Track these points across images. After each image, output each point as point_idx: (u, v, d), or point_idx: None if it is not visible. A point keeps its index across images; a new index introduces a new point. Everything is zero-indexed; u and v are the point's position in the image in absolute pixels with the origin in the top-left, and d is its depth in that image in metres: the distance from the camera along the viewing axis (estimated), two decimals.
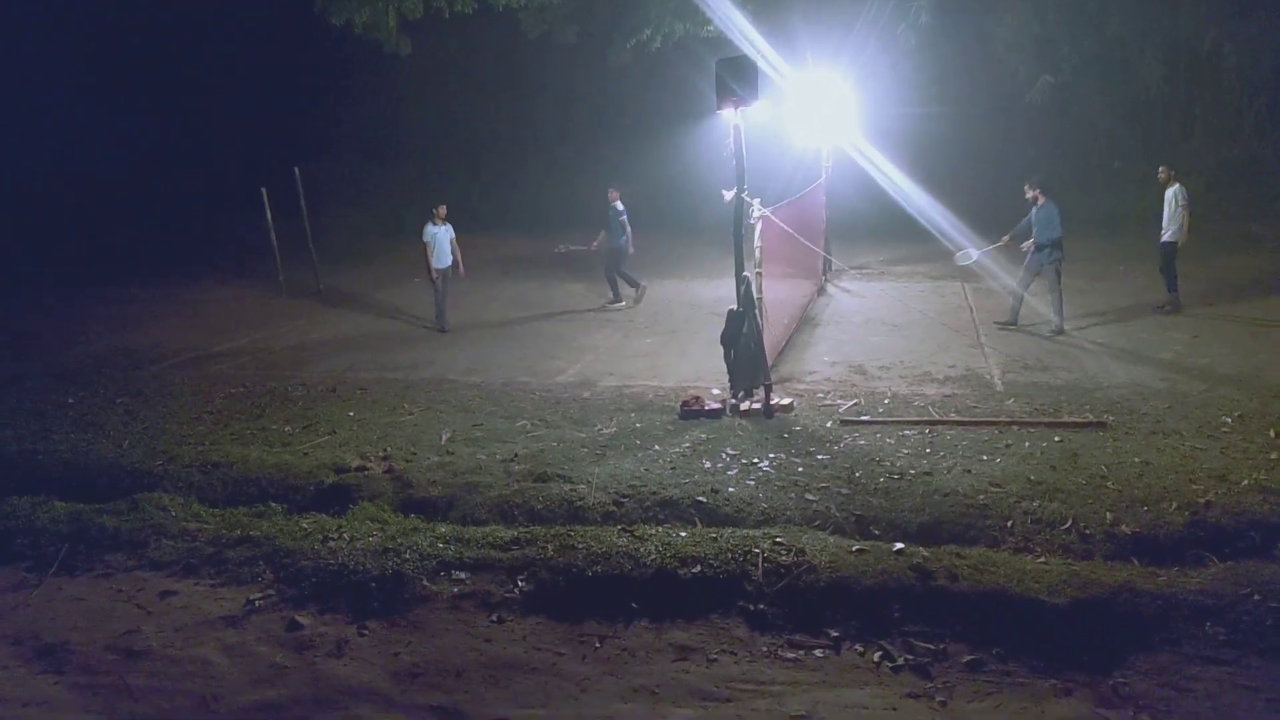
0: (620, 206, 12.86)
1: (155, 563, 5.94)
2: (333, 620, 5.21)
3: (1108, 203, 18.89)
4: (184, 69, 23.72)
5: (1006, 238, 11.01)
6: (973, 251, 11.71)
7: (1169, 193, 10.93)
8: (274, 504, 6.64)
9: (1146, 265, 12.70)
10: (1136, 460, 6.48)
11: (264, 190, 15.03)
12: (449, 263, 12.08)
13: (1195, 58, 18.45)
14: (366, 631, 5.08)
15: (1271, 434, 6.84)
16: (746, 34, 15.48)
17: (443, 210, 12.10)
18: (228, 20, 23.03)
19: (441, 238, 11.99)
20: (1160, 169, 11.16)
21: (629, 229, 12.91)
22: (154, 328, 13.27)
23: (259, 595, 5.47)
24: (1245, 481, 5.96)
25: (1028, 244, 10.52)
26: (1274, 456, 6.40)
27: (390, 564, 5.53)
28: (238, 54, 23.41)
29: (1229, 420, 7.21)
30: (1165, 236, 11.01)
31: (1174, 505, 5.75)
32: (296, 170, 15.02)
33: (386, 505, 6.53)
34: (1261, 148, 18.33)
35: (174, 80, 23.69)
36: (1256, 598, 4.70)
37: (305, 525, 6.19)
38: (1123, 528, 5.62)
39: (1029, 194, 10.57)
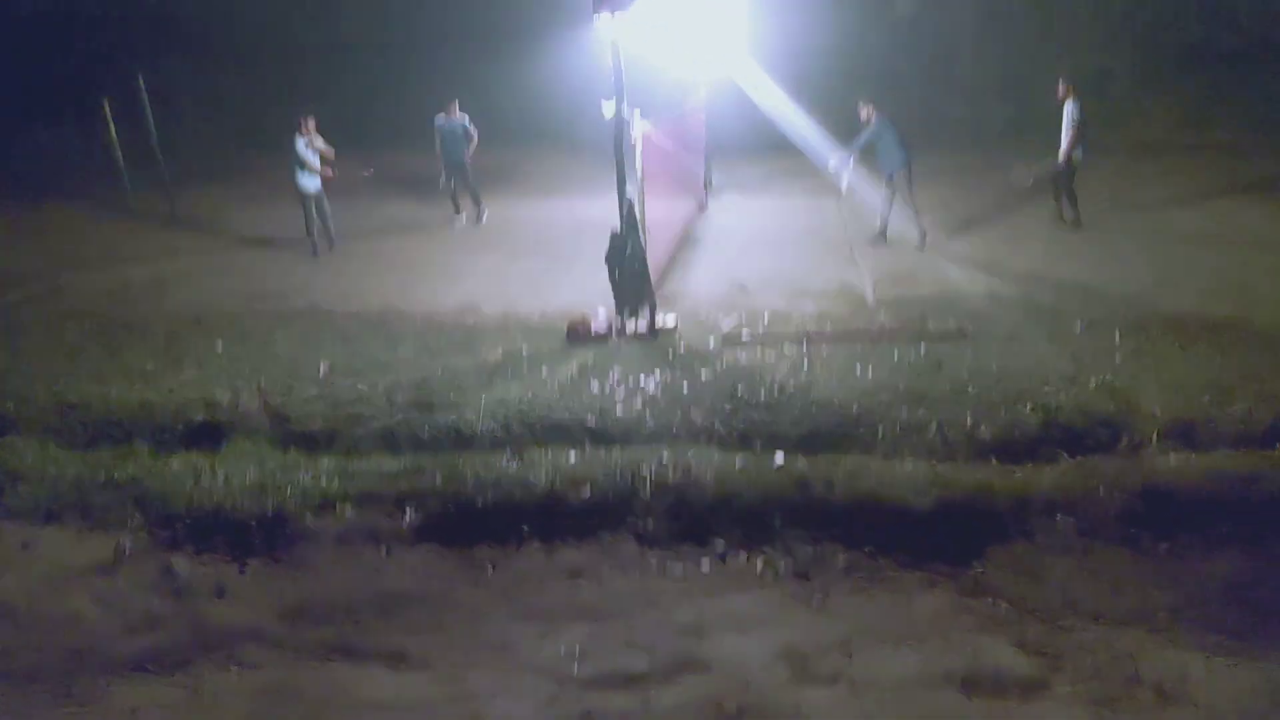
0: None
1: (12, 511, 5.57)
2: (211, 562, 5.05)
3: (973, 112, 19.57)
4: None
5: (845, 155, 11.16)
6: (843, 172, 11.78)
7: (1068, 107, 10.73)
8: (140, 444, 6.31)
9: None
10: (994, 366, 6.90)
11: (105, 101, 13.78)
12: (318, 184, 11.42)
13: None
14: (247, 572, 4.96)
15: (1116, 338, 7.38)
16: None
17: (310, 123, 11.21)
18: None
19: (309, 155, 11.16)
20: (1060, 83, 10.89)
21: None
22: None
23: (130, 540, 5.24)
24: (1093, 383, 6.44)
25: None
26: (1118, 360, 6.93)
27: (270, 501, 5.38)
28: None
29: (1078, 326, 7.74)
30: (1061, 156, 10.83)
31: (1029, 407, 6.17)
32: (140, 78, 13.76)
33: (263, 441, 6.30)
34: (1112, 59, 19.25)
35: None
36: (1102, 490, 5.14)
37: (175, 465, 5.92)
38: (982, 430, 6.00)
39: (863, 114, 10.75)
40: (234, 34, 22.32)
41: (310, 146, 11.15)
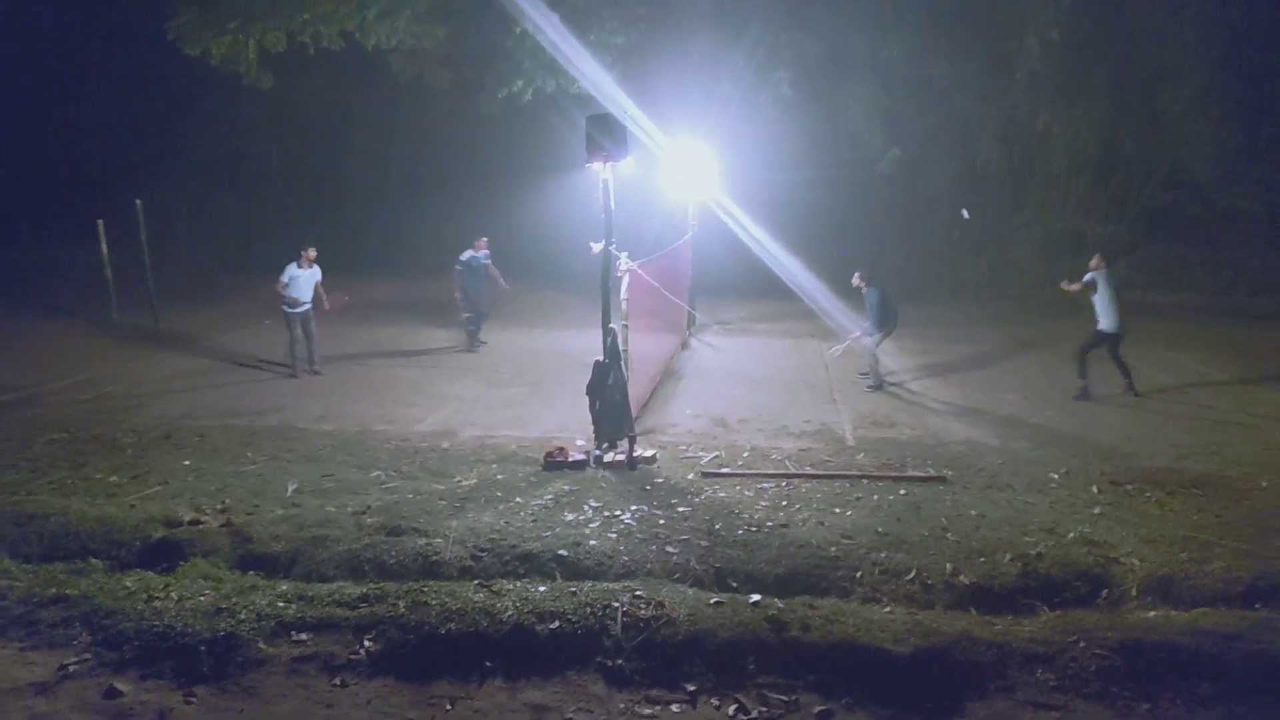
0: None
1: None
2: (156, 687, 4.77)
3: (949, 269, 20.25)
4: (15, 85, 21.95)
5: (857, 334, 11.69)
6: (839, 349, 12.25)
7: (1092, 278, 10.45)
8: (95, 560, 6.09)
9: (987, 327, 13.56)
10: (973, 513, 6.85)
11: (100, 222, 14.06)
12: (308, 306, 11.56)
13: (1029, 136, 20.19)
14: (194, 699, 4.68)
15: (1094, 490, 7.38)
16: (613, 95, 15.88)
17: (311, 253, 11.53)
18: (66, 35, 21.52)
19: (304, 281, 11.43)
20: (1095, 258, 10.68)
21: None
22: None
23: (74, 660, 4.96)
24: (1072, 534, 6.38)
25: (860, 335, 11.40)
26: (1097, 511, 6.90)
27: (223, 625, 5.14)
28: (77, 71, 21.89)
29: (1056, 477, 7.74)
30: (1105, 326, 10.44)
31: (1008, 556, 6.09)
32: (138, 203, 14.12)
33: (222, 562, 6.09)
34: (1085, 222, 20.15)
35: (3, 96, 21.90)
36: (1083, 645, 5.00)
37: (128, 584, 5.68)
38: (961, 578, 5.89)
39: (856, 283, 11.23)
40: (235, 163, 23.12)
41: (302, 272, 11.39)
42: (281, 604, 5.38)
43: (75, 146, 21.85)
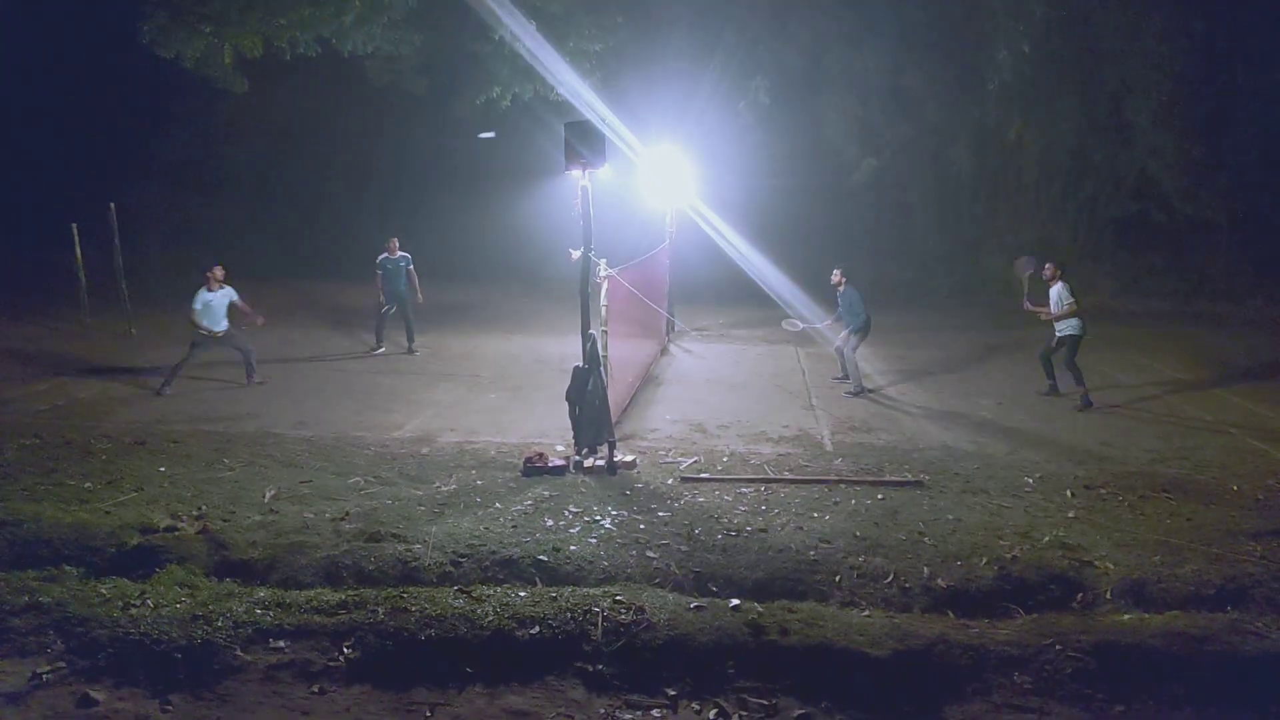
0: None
1: None
2: (131, 695, 4.71)
3: (921, 276, 20.47)
4: None
5: (829, 320, 11.82)
6: (798, 322, 12.39)
7: (1054, 290, 10.61)
8: (69, 567, 5.98)
9: (957, 332, 13.70)
10: (950, 517, 6.91)
11: (74, 225, 13.88)
12: (224, 328, 11.11)
13: (1001, 145, 20.50)
14: (170, 707, 4.62)
15: (1068, 494, 7.49)
16: (591, 103, 15.94)
17: (219, 272, 11.08)
18: (37, 37, 21.19)
19: (217, 306, 10.95)
20: (1047, 266, 10.83)
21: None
22: None
23: (47, 668, 4.88)
24: (1046, 538, 6.46)
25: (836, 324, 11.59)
26: (1071, 515, 6.99)
27: (199, 632, 5.08)
28: (49, 73, 21.58)
29: (1031, 481, 7.84)
30: (1066, 330, 10.55)
31: (984, 560, 6.16)
32: (112, 206, 13.97)
33: (198, 569, 6.01)
34: (1056, 229, 20.48)
35: None
36: (1058, 648, 5.06)
37: (103, 591, 5.60)
38: (938, 581, 5.95)
39: (835, 279, 11.34)
40: (210, 168, 22.93)
41: (213, 295, 11.02)
42: (259, 611, 5.33)
43: (48, 149, 21.54)
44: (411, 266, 13.11)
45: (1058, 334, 10.69)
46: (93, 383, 11.37)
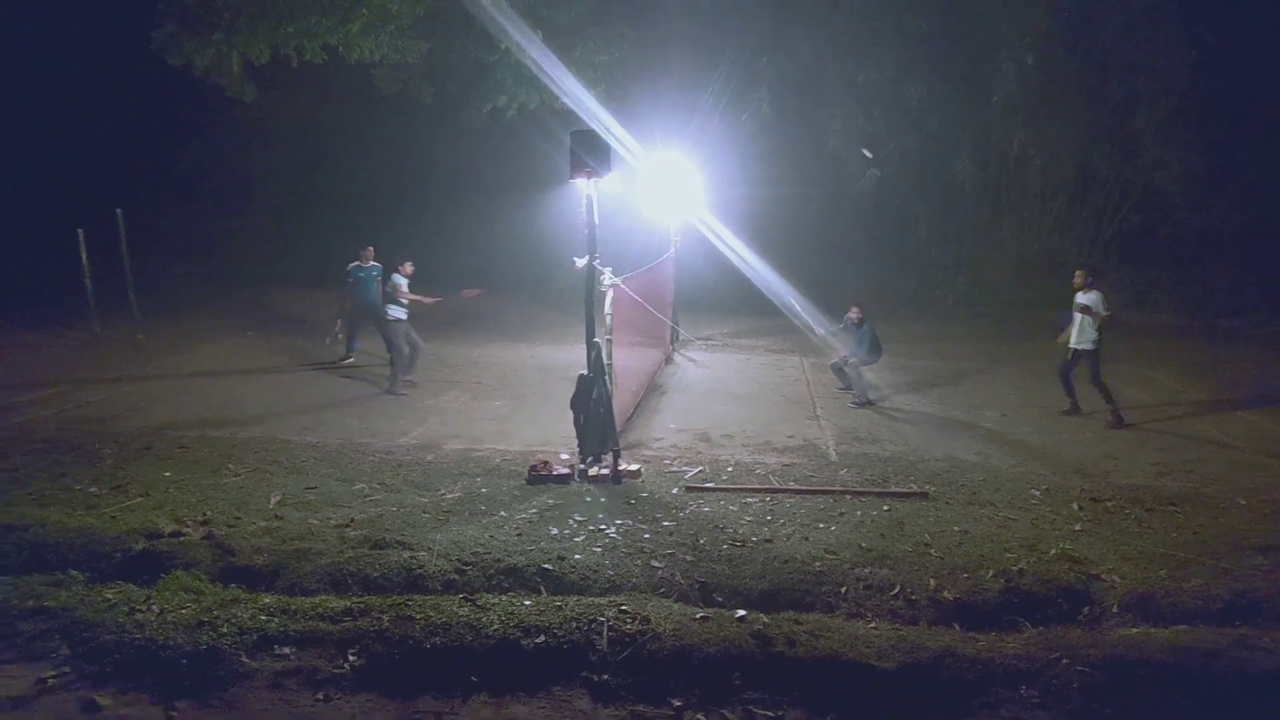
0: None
1: None
2: (136, 701, 4.70)
3: (925, 286, 20.45)
4: None
5: (834, 328, 11.72)
6: (835, 329, 12.29)
7: (1086, 297, 10.19)
8: (75, 572, 5.98)
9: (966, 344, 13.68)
10: (956, 529, 6.90)
11: (80, 231, 13.93)
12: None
13: (1005, 158, 20.49)
14: (175, 713, 4.61)
15: (1075, 506, 7.47)
16: (597, 113, 15.99)
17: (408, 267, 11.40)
18: (45, 43, 21.31)
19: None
20: (1077, 273, 10.48)
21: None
22: None
23: (52, 673, 4.87)
24: (1053, 551, 6.44)
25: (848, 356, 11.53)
26: (1078, 528, 6.98)
27: (204, 638, 5.07)
28: (57, 80, 21.69)
29: (1037, 493, 7.83)
30: (1082, 344, 10.25)
31: (990, 573, 6.14)
32: (119, 212, 14.02)
33: (203, 574, 6.01)
34: (1061, 242, 20.45)
35: None
36: (1065, 661, 5.04)
37: (109, 596, 5.60)
38: (945, 594, 5.94)
39: (853, 316, 11.33)
40: (216, 175, 23.02)
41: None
42: (264, 617, 5.33)
43: (54, 155, 21.63)
44: (381, 276, 12.71)
45: (1072, 348, 10.38)
46: (100, 389, 11.40)
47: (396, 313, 11.27)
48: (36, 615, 5.36)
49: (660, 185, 13.74)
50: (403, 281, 11.31)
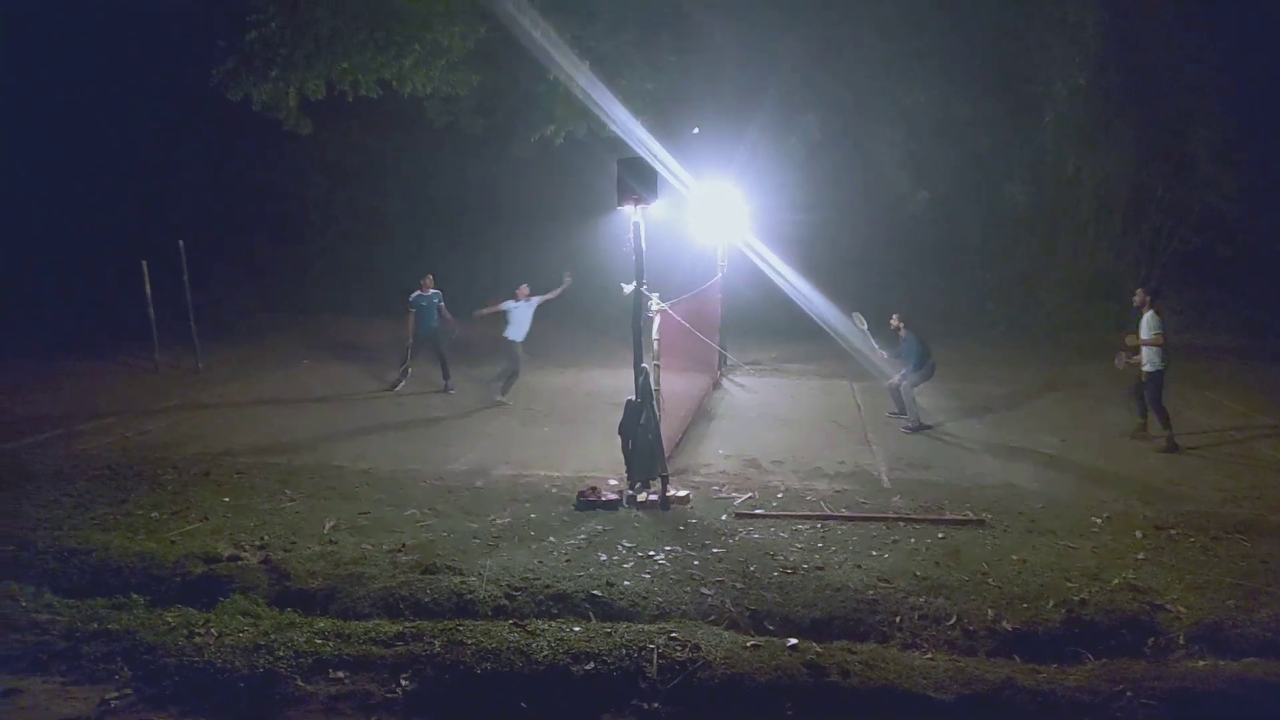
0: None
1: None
2: None
3: (976, 310, 20.15)
4: (62, 133, 22.60)
5: (886, 354, 11.56)
6: (863, 321, 12.02)
7: (1146, 318, 10.00)
8: (136, 595, 6.13)
9: (1017, 368, 13.41)
10: (1015, 558, 6.74)
11: (144, 263, 14.41)
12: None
13: (1057, 180, 20.18)
14: None
15: (1138, 534, 7.25)
16: (644, 140, 16.13)
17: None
18: (107, 81, 22.14)
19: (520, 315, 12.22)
20: (1137, 292, 10.31)
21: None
22: (12, 403, 12.34)
23: (115, 695, 4.98)
24: (1116, 580, 6.25)
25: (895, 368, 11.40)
26: (1141, 556, 6.76)
27: (261, 662, 5.15)
28: (121, 117, 22.52)
29: (1098, 521, 7.61)
30: (1148, 365, 9.98)
31: (1051, 603, 5.97)
32: (180, 243, 14.49)
33: (260, 598, 6.12)
34: (1116, 264, 20.03)
35: (51, 144, 22.53)
36: (1129, 694, 4.87)
37: (170, 619, 5.72)
38: (1004, 624, 5.79)
39: (894, 324, 11.24)
40: (273, 205, 23.67)
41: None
42: (319, 641, 5.40)
43: (120, 189, 22.43)
44: (443, 303, 13.17)
45: (1144, 368, 10.04)
46: (161, 417, 11.73)
47: (514, 334, 12.43)
48: (99, 638, 5.49)
49: (708, 210, 13.79)
50: (522, 305, 12.44)
